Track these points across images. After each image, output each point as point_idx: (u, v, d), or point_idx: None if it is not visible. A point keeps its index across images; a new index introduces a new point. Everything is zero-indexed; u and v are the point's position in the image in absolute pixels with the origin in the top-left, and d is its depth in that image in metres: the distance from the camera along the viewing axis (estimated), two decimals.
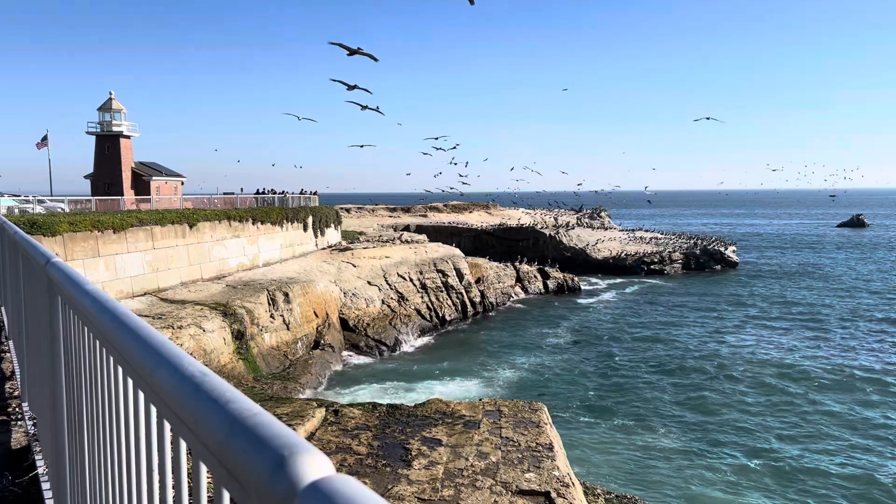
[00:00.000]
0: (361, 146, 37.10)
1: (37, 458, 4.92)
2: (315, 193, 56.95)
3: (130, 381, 1.92)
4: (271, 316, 31.82)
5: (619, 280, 65.72)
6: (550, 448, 9.74)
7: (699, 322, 46.91)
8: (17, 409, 6.52)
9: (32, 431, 5.49)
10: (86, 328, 2.53)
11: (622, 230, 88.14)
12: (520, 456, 9.46)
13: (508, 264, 59.48)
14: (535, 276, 59.98)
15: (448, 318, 46.75)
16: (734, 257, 76.22)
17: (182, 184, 64.08)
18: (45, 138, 51.55)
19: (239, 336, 28.41)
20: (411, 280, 46.48)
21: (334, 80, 27.87)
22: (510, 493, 8.41)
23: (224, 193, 49.09)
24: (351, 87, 28.11)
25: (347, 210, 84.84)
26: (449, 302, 48.07)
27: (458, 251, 54.21)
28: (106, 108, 57.44)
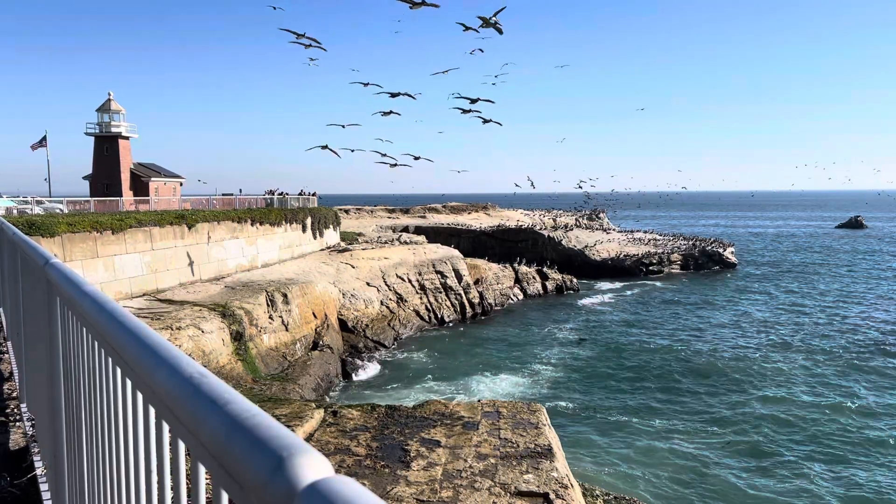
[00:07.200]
0: (344, 125, 33.26)
1: (35, 459, 4.91)
2: (314, 194, 56.91)
3: (129, 383, 1.93)
4: (270, 317, 31.80)
5: (617, 281, 65.74)
6: (549, 449, 9.74)
7: (698, 323, 46.93)
8: (15, 410, 6.51)
9: (31, 432, 5.49)
10: (84, 329, 2.53)
11: (621, 231, 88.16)
12: (518, 457, 9.45)
13: (507, 265, 59.47)
14: (533, 278, 59.99)
15: (447, 319, 46.74)
16: (733, 258, 76.27)
17: (181, 185, 64.08)
18: (43, 139, 51.50)
19: (238, 337, 28.38)
20: (410, 281, 46.47)
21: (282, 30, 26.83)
22: (509, 494, 8.40)
23: (223, 194, 49.08)
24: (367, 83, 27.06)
25: (346, 211, 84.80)
26: (448, 303, 48.06)
27: (456, 252, 54.19)
28: (105, 108, 57.43)
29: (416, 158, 31.32)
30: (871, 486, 22.08)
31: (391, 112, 27.95)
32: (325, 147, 28.52)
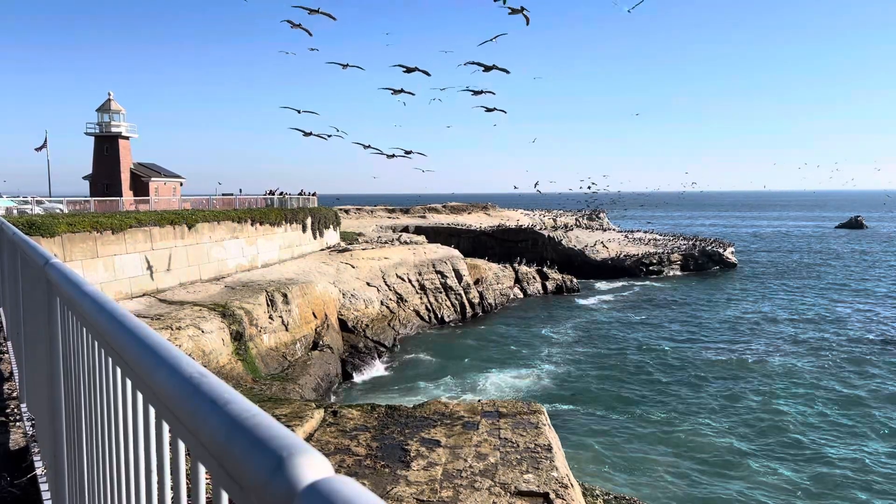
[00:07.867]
0: (299, 111, 30.62)
1: (35, 459, 4.91)
2: (314, 194, 56.90)
3: (129, 382, 1.92)
4: (270, 317, 31.80)
5: (617, 281, 65.74)
6: (549, 449, 9.74)
7: (698, 323, 46.93)
8: (15, 410, 6.52)
9: (31, 432, 5.48)
10: (84, 329, 2.53)
11: (621, 231, 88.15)
12: (518, 457, 9.45)
13: (507, 265, 59.47)
14: (533, 278, 59.99)
15: (447, 319, 46.74)
16: (733, 258, 76.24)
17: (181, 185, 64.05)
18: (45, 141, 51.50)
19: (238, 337, 28.38)
20: (410, 281, 46.47)
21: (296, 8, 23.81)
22: (509, 494, 8.40)
23: (223, 194, 49.06)
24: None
25: (346, 211, 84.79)
26: (448, 303, 48.06)
27: (456, 252, 54.19)
28: (105, 108, 57.42)
29: (409, 153, 31.06)
30: (872, 483, 22.08)
31: (402, 90, 26.85)
32: (308, 134, 28.50)
